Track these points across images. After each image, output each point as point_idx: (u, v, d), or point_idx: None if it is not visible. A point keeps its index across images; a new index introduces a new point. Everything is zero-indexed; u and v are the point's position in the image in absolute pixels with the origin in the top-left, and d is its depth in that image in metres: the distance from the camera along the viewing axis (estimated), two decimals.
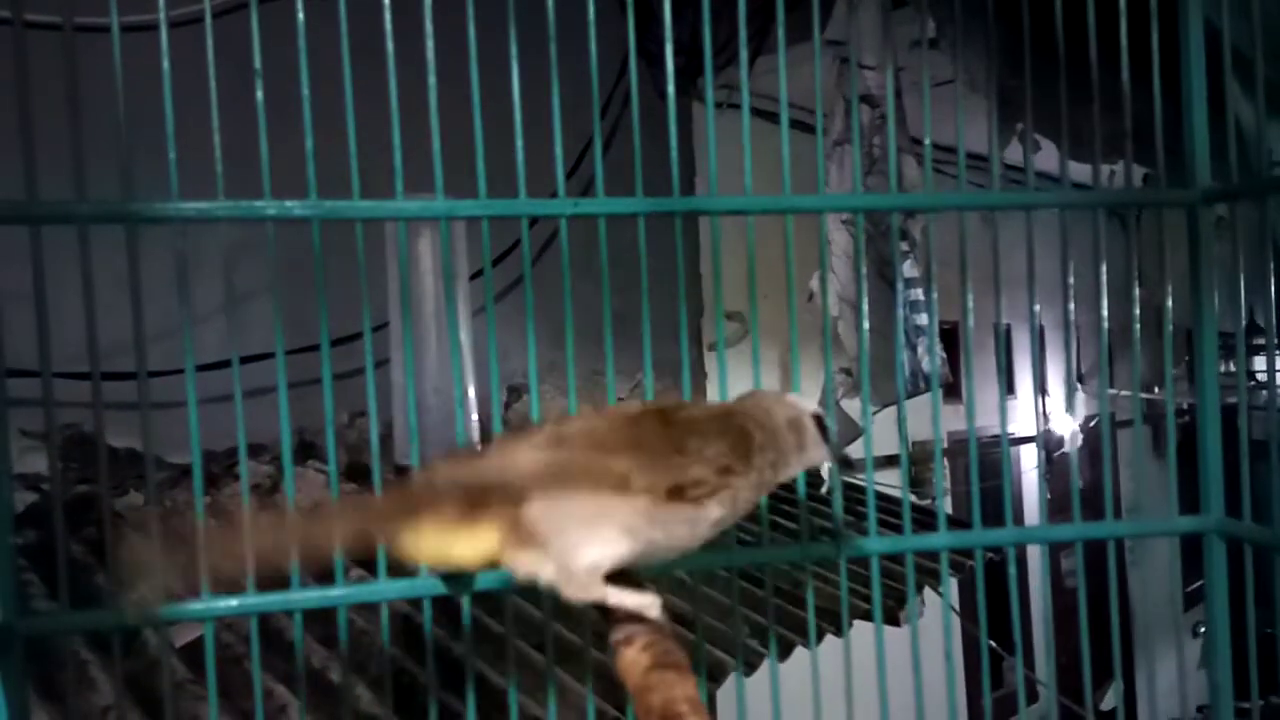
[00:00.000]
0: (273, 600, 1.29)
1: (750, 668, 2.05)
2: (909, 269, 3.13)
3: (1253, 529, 1.45)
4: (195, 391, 1.27)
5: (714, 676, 2.21)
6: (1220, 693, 1.51)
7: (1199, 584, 1.55)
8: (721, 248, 1.41)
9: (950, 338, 3.82)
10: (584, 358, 1.38)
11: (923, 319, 3.10)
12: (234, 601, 1.27)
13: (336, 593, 1.30)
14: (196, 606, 1.25)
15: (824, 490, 2.98)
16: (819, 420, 1.13)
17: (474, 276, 1.37)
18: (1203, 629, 1.58)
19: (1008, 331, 5.70)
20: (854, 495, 2.33)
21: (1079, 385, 5.93)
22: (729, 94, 2.60)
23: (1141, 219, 1.68)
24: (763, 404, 1.12)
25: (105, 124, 1.19)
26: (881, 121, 3.19)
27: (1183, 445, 1.52)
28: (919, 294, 3.14)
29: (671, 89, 1.36)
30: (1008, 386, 1.43)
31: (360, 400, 1.31)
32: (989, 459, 1.63)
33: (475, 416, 1.38)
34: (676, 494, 1.00)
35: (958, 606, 3.29)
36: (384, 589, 1.31)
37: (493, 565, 0.99)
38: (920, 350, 3.20)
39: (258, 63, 1.27)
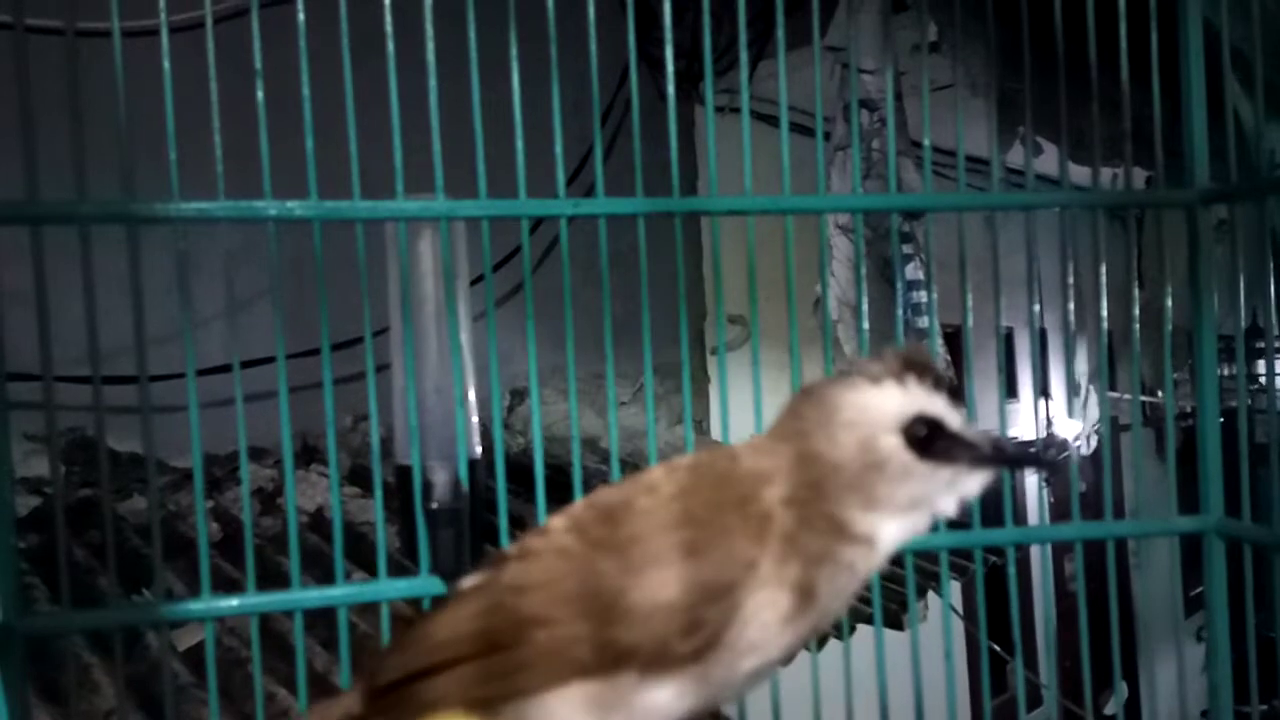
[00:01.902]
0: (273, 600, 1.29)
1: None
2: (911, 271, 3.12)
3: (1252, 529, 1.44)
4: (197, 395, 1.26)
5: None
6: (1220, 694, 1.51)
7: (1202, 589, 1.54)
8: (723, 251, 1.41)
9: (953, 341, 3.81)
10: (585, 361, 1.38)
11: (924, 322, 3.09)
12: (234, 601, 1.27)
13: (337, 592, 1.30)
14: (197, 606, 1.25)
15: None
16: (923, 427, 0.77)
17: (475, 281, 1.37)
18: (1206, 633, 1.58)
19: (1009, 334, 5.68)
20: None
21: (1089, 388, 5.89)
22: (730, 98, 2.60)
23: (1143, 221, 1.69)
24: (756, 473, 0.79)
25: (106, 125, 1.20)
26: (880, 125, 3.19)
27: (1185, 449, 1.51)
28: (921, 297, 3.13)
29: (672, 89, 1.36)
30: (1010, 390, 1.43)
31: (363, 404, 1.31)
32: None
33: (476, 419, 1.38)
34: (621, 663, 0.77)
35: (960, 609, 3.28)
36: (384, 589, 1.31)
37: None
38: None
39: (258, 63, 1.27)
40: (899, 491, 0.79)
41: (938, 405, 0.78)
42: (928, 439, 0.78)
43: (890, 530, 0.80)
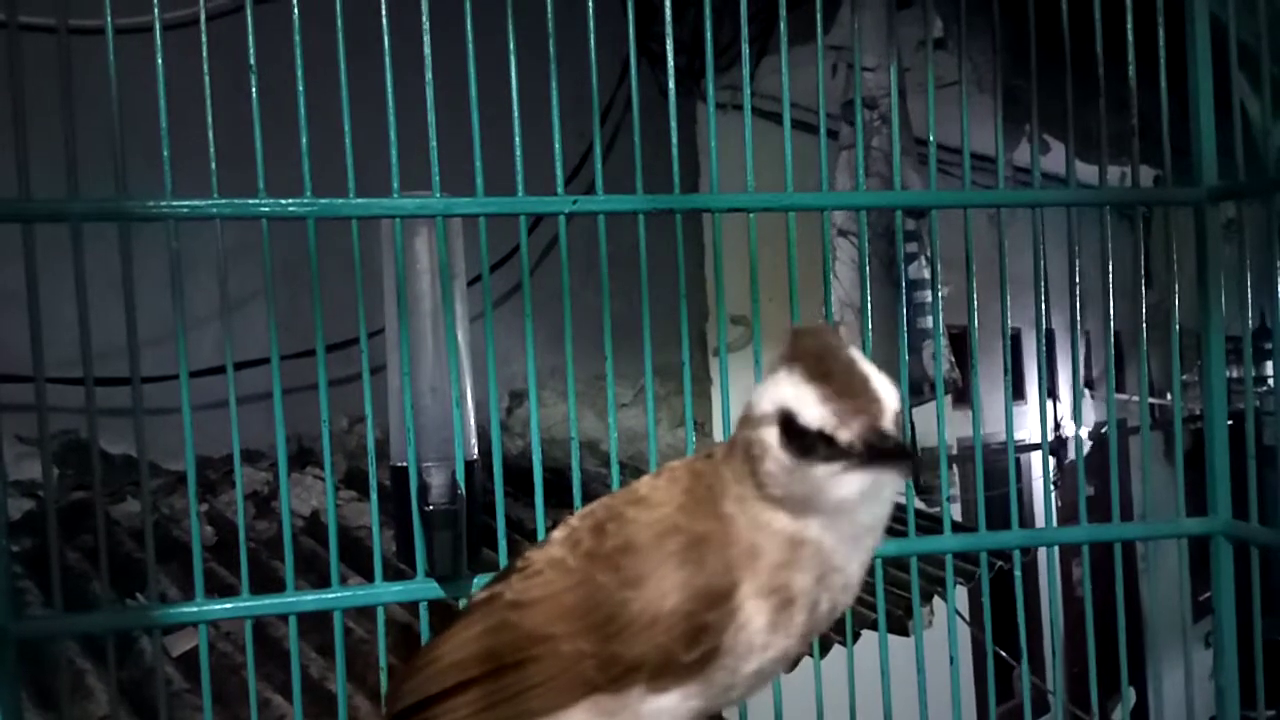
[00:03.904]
0: (268, 604, 1.27)
1: None
2: (914, 271, 3.10)
3: (1260, 531, 1.42)
4: (190, 397, 1.25)
5: None
6: (1227, 699, 1.49)
7: (1210, 593, 1.53)
8: (725, 250, 1.39)
9: (960, 342, 3.77)
10: (585, 362, 1.36)
11: (928, 322, 3.07)
12: (229, 605, 1.25)
13: (332, 596, 1.28)
14: (191, 610, 1.24)
15: None
16: (789, 421, 0.72)
17: (473, 281, 1.35)
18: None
19: (1016, 335, 5.63)
20: None
21: (1087, 391, 5.86)
22: (732, 94, 2.59)
23: (1151, 220, 1.67)
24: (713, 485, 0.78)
25: (99, 122, 1.18)
26: (880, 123, 3.17)
27: (1193, 451, 1.50)
28: (925, 296, 3.11)
29: (672, 85, 1.35)
30: (1017, 391, 1.41)
31: (358, 405, 1.29)
32: (998, 466, 1.61)
33: (473, 421, 1.36)
34: (628, 677, 0.76)
35: (966, 614, 3.27)
36: (380, 593, 1.29)
37: None
38: (925, 356, 3.17)
39: (253, 60, 1.26)
40: (789, 490, 0.73)
41: (803, 397, 0.71)
42: (796, 433, 0.71)
43: (825, 533, 0.75)
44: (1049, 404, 1.54)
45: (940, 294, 1.66)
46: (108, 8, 1.21)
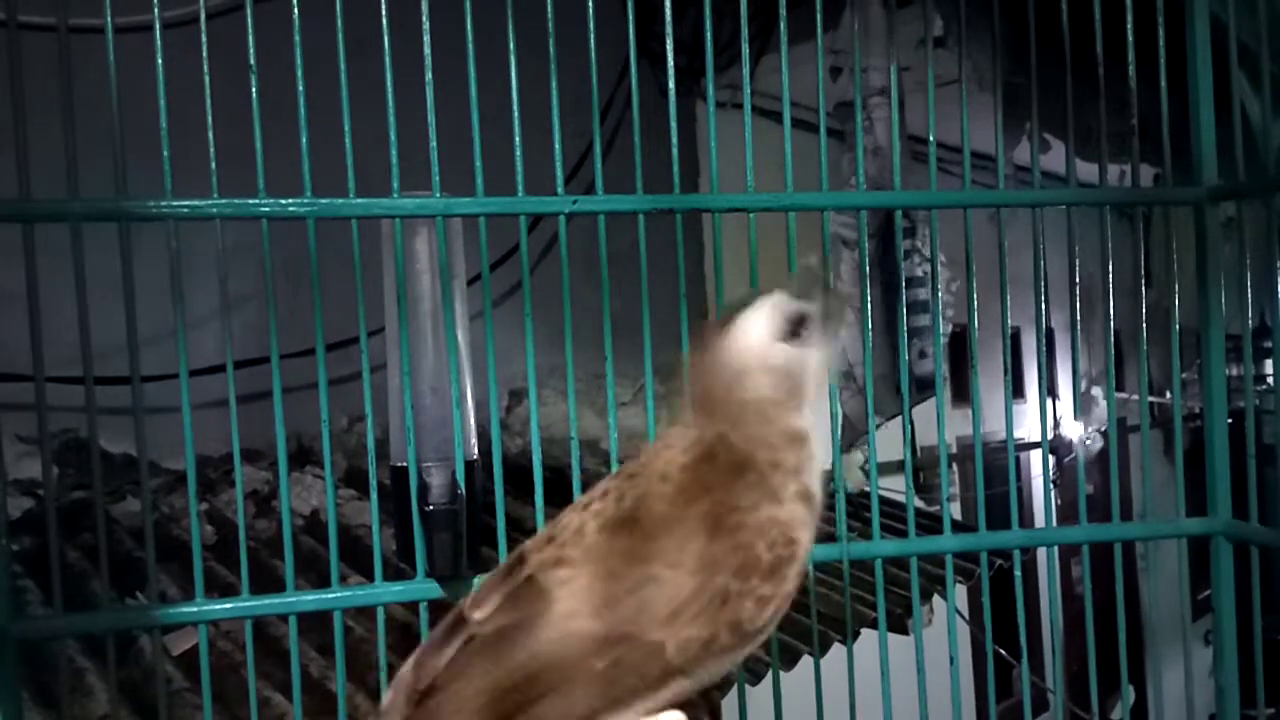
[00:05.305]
0: (268, 604, 1.27)
1: (755, 676, 2.02)
2: (909, 268, 3.10)
3: (1260, 531, 1.42)
4: (190, 396, 1.25)
5: (717, 685, 2.19)
6: (1227, 697, 1.49)
7: (1210, 592, 1.53)
8: (724, 249, 1.39)
9: (957, 340, 3.78)
10: (585, 361, 1.36)
11: (923, 320, 3.06)
12: (229, 605, 1.25)
13: (332, 596, 1.28)
14: (191, 610, 1.24)
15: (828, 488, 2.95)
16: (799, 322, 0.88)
17: (473, 280, 1.35)
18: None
19: (1016, 334, 5.62)
20: (859, 499, 2.30)
21: (1098, 389, 5.86)
22: (732, 93, 2.58)
23: (1151, 219, 1.68)
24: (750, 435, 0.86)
25: (99, 122, 1.18)
26: (870, 124, 3.18)
27: (1193, 450, 1.50)
28: (919, 295, 3.10)
29: (672, 85, 1.35)
30: (1016, 390, 1.42)
31: (358, 404, 1.30)
32: (998, 464, 1.61)
33: (473, 420, 1.36)
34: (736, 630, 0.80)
35: (966, 613, 3.27)
36: (380, 592, 1.29)
37: None
38: (915, 354, 3.16)
39: (253, 59, 1.26)
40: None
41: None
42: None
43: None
44: (1049, 402, 1.54)
45: (943, 291, 1.66)
46: (107, 7, 1.20)
